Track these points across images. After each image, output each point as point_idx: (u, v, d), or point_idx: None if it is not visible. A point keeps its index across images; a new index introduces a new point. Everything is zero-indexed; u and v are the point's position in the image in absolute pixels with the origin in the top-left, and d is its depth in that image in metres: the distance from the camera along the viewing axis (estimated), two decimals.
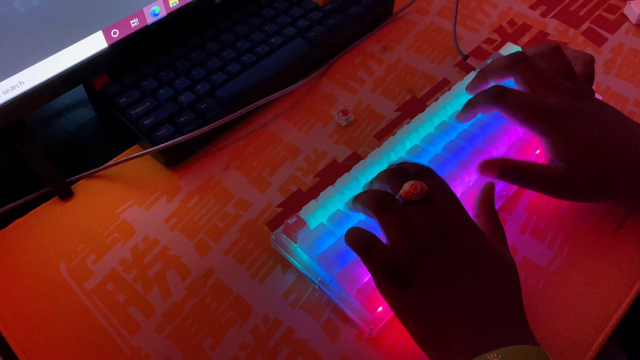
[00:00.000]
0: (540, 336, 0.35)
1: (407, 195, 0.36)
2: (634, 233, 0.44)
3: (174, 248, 0.44)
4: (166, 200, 0.47)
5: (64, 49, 0.45)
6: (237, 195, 0.47)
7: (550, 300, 0.40)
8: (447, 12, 0.64)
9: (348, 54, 0.59)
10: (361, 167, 0.44)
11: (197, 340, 0.39)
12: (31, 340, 0.39)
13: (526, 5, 0.66)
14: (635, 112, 0.53)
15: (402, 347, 0.38)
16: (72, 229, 0.45)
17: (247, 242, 0.44)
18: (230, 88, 0.51)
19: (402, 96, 0.55)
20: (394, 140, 0.46)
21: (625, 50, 0.60)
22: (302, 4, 0.59)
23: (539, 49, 0.46)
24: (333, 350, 0.38)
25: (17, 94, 0.43)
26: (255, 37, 0.56)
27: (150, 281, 0.42)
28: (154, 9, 0.50)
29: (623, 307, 0.40)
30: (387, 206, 0.36)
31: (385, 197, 0.37)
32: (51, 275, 0.42)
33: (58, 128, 0.53)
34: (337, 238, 0.40)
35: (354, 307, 0.38)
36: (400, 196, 0.36)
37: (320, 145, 0.51)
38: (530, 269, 0.42)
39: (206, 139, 0.50)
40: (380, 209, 0.36)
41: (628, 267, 0.42)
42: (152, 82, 0.51)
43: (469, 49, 0.60)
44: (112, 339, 0.39)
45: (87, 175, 0.48)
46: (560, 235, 0.44)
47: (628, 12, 0.64)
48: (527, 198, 0.46)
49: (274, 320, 0.40)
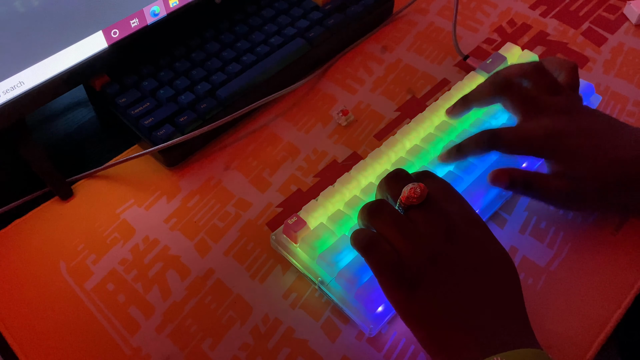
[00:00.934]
0: (541, 336, 0.35)
1: (408, 200, 0.35)
2: (634, 233, 0.44)
3: (174, 248, 0.44)
4: (166, 200, 0.47)
5: (64, 49, 0.45)
6: (237, 195, 0.47)
7: (550, 300, 0.40)
8: (447, 12, 0.64)
9: (348, 54, 0.59)
10: (361, 167, 0.44)
11: (197, 340, 0.39)
12: (31, 340, 0.39)
13: (526, 5, 0.66)
14: (635, 112, 0.53)
15: (402, 347, 0.38)
16: (72, 229, 0.45)
17: (247, 242, 0.44)
18: (230, 88, 0.51)
19: (402, 96, 0.55)
20: (394, 140, 0.46)
21: (625, 50, 0.60)
22: (302, 4, 0.59)
23: (520, 69, 0.45)
24: (333, 350, 0.38)
25: (17, 94, 0.43)
26: (255, 37, 0.56)
27: (150, 281, 0.42)
28: (154, 9, 0.50)
29: (623, 307, 0.40)
30: (380, 213, 0.36)
31: (378, 204, 0.36)
32: (51, 275, 0.42)
33: (58, 128, 0.53)
34: (337, 238, 0.40)
35: (354, 307, 0.38)
36: (401, 201, 0.36)
37: (320, 145, 0.51)
38: (530, 269, 0.42)
39: (206, 139, 0.50)
40: (373, 216, 0.36)
41: (628, 267, 0.42)
42: (152, 82, 0.51)
43: (469, 49, 0.60)
44: (112, 339, 0.39)
45: (87, 175, 0.48)
46: (560, 235, 0.44)
47: (628, 12, 0.64)
48: (527, 198, 0.46)
49: (274, 320, 0.40)
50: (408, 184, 0.36)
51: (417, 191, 0.35)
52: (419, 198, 0.35)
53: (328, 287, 0.39)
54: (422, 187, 0.36)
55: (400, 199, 0.36)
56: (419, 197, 0.35)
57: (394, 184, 0.37)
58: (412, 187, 0.36)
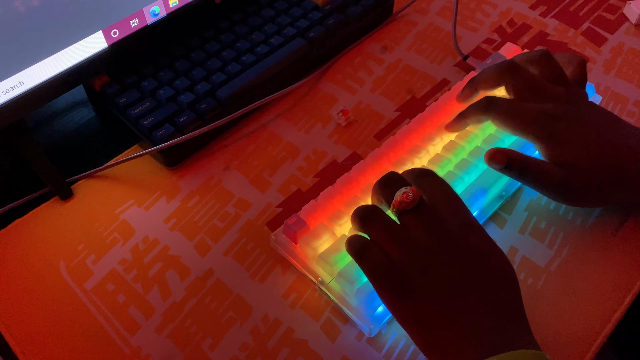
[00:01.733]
0: (540, 336, 0.35)
1: (401, 205, 0.35)
2: (634, 233, 0.44)
3: (174, 248, 0.44)
4: (166, 200, 0.47)
5: (64, 49, 0.45)
6: (237, 195, 0.47)
7: (550, 300, 0.40)
8: (447, 12, 0.64)
9: (348, 54, 0.59)
10: (361, 167, 0.44)
11: (197, 340, 0.39)
12: (31, 340, 0.39)
13: (526, 5, 0.66)
14: (635, 112, 0.53)
15: (402, 347, 0.38)
16: (72, 229, 0.45)
17: (247, 242, 0.44)
18: (230, 88, 0.51)
19: (402, 96, 0.55)
20: (393, 141, 0.46)
21: (625, 50, 0.60)
22: (302, 4, 0.59)
23: (528, 56, 0.45)
24: (333, 350, 0.38)
25: (17, 94, 0.43)
26: (255, 37, 0.56)
27: (150, 281, 0.42)
28: (154, 9, 0.50)
29: (623, 307, 0.40)
30: (371, 219, 0.36)
31: (369, 211, 0.36)
32: (51, 275, 0.42)
33: (58, 128, 0.53)
34: (337, 238, 0.40)
35: (354, 307, 0.38)
36: (394, 206, 0.36)
37: (320, 145, 0.51)
38: (530, 269, 0.42)
39: (206, 139, 0.50)
40: (364, 223, 0.36)
41: (628, 267, 0.42)
42: (152, 82, 0.51)
43: (468, 49, 0.60)
44: (112, 339, 0.39)
45: (87, 175, 0.48)
46: (560, 235, 0.44)
47: (628, 12, 0.64)
48: (527, 198, 0.46)
49: (274, 320, 0.40)
50: (401, 187, 0.36)
51: (410, 196, 0.35)
52: (411, 203, 0.35)
53: (328, 287, 0.39)
54: (414, 191, 0.35)
55: (393, 203, 0.36)
56: (411, 202, 0.35)
57: (387, 188, 0.37)
58: (404, 191, 0.35)
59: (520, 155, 0.41)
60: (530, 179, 0.41)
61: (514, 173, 0.41)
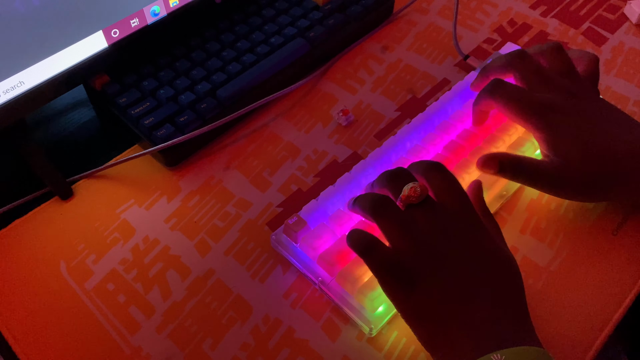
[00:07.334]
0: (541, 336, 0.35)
1: (408, 200, 0.36)
2: (634, 233, 0.44)
3: (174, 248, 0.44)
4: (166, 200, 0.47)
5: (64, 49, 0.45)
6: (237, 195, 0.47)
7: (550, 300, 0.40)
8: (447, 12, 0.64)
9: (348, 54, 0.59)
10: (361, 167, 0.44)
11: (197, 340, 0.39)
12: (31, 340, 0.39)
13: (526, 5, 0.66)
14: (635, 112, 0.53)
15: (402, 347, 0.38)
16: (72, 229, 0.45)
17: (247, 242, 0.44)
18: (231, 88, 0.51)
19: (402, 96, 0.55)
20: (394, 140, 0.46)
21: (626, 50, 0.60)
22: (302, 4, 0.59)
23: (540, 47, 0.46)
24: (333, 350, 0.38)
25: (17, 94, 0.43)
26: (256, 37, 0.56)
27: (151, 281, 0.42)
28: (154, 9, 0.50)
29: (623, 307, 0.40)
30: (385, 210, 0.36)
31: (383, 201, 0.36)
32: (51, 275, 0.42)
33: (58, 128, 0.53)
34: (337, 238, 0.40)
35: (354, 307, 0.38)
36: (401, 200, 0.36)
37: (320, 145, 0.51)
38: (530, 269, 0.42)
39: (206, 139, 0.50)
40: (378, 213, 0.36)
41: (628, 267, 0.42)
42: (152, 82, 0.51)
43: (469, 49, 0.60)
44: (112, 339, 0.39)
45: (87, 175, 0.48)
46: (560, 235, 0.44)
47: (628, 12, 0.64)
48: (527, 198, 0.46)
49: (274, 320, 0.40)
50: (409, 182, 0.36)
51: (417, 190, 0.35)
52: (418, 197, 0.35)
53: (328, 287, 0.39)
54: (422, 187, 0.36)
55: (401, 197, 0.36)
56: (418, 197, 0.35)
57: (395, 182, 0.37)
58: (412, 186, 0.36)
59: (510, 156, 0.41)
60: (525, 176, 0.41)
61: (508, 174, 0.41)
